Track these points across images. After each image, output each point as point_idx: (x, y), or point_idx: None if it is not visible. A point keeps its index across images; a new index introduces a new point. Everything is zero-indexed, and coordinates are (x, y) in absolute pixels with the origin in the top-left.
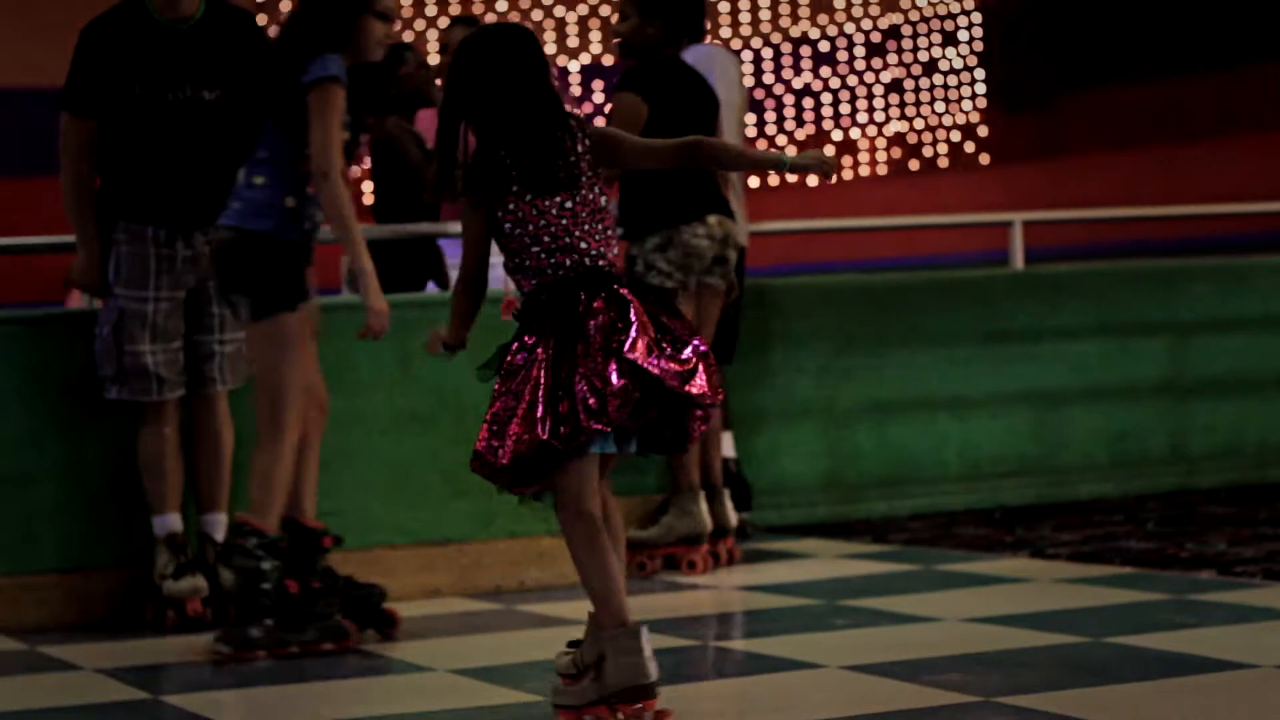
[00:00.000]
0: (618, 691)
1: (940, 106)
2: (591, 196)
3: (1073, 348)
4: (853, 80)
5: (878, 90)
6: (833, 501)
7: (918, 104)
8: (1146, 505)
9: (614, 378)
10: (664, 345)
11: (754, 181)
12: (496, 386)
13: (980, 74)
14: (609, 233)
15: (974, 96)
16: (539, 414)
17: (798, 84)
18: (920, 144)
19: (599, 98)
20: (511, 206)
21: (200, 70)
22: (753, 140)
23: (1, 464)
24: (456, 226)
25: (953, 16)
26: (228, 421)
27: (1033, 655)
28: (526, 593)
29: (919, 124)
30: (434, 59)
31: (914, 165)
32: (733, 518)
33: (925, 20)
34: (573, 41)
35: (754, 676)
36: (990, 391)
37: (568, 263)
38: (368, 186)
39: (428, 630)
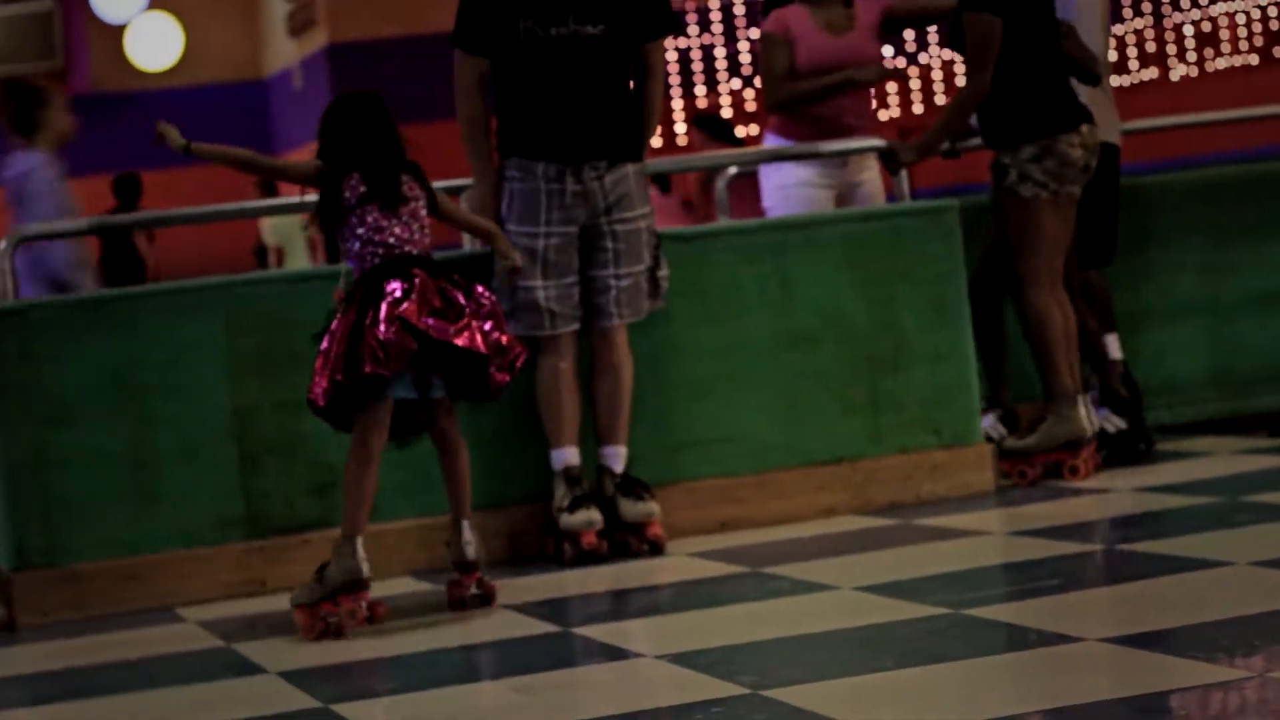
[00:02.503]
0: (338, 586)
1: None
2: (418, 208)
3: None
4: None
5: None
6: (1223, 398)
7: None
8: None
9: (383, 330)
10: (442, 306)
11: (1121, 80)
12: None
13: None
14: (424, 230)
15: None
16: (335, 363)
17: None
18: None
19: None
20: (360, 214)
21: (582, 5)
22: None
23: None
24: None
25: None
26: (627, 355)
27: None
28: (921, 506)
29: None
30: None
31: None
32: (1100, 423)
33: None
34: None
35: (1161, 578)
36: None
37: (380, 255)
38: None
39: (827, 549)
